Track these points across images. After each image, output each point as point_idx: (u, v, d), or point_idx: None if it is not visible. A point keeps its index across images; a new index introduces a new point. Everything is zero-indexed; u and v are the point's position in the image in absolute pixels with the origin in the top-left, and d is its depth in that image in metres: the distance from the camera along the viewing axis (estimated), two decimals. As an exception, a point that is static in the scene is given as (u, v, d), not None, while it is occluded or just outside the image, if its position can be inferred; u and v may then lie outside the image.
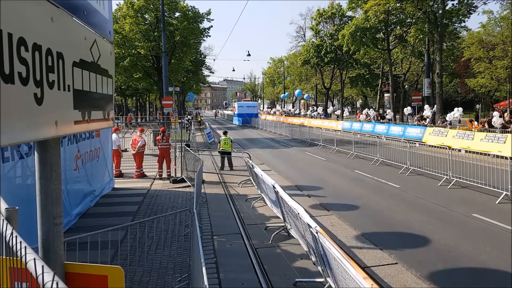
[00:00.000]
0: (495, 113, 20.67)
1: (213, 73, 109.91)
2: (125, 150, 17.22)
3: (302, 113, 55.88)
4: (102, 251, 4.44)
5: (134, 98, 64.97)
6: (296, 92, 55.19)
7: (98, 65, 2.17)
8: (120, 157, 13.86)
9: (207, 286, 3.01)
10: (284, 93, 64.02)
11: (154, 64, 29.71)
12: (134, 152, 13.51)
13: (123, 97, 57.25)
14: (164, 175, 13.36)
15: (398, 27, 34.97)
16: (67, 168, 7.88)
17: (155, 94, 53.09)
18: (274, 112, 61.52)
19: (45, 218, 1.79)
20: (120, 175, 13.36)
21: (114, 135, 13.35)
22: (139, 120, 48.78)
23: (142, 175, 13.43)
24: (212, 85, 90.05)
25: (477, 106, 23.80)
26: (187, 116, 41.27)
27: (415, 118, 28.04)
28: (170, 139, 14.08)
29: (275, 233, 7.26)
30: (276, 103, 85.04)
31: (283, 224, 7.38)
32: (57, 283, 1.21)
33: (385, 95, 41.74)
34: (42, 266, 1.26)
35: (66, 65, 1.72)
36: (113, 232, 4.57)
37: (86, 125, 2.06)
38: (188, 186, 11.78)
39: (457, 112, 21.94)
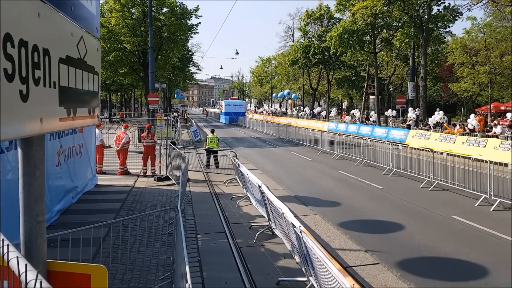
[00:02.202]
0: (472, 116, 21.43)
1: (200, 70, 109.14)
2: (109, 147, 16.99)
3: (289, 113, 56.12)
4: (84, 248, 4.38)
5: (119, 93, 64.03)
6: (285, 92, 55.34)
7: (85, 61, 2.15)
8: (102, 153, 13.66)
9: (190, 285, 3.01)
10: (272, 93, 64.17)
11: (140, 60, 29.32)
12: (118, 148, 13.34)
13: (107, 92, 56.37)
14: (149, 172, 13.25)
15: (385, 31, 35.48)
16: (49, 163, 7.74)
17: (140, 90, 52.38)
18: (261, 112, 61.58)
19: (28, 216, 1.77)
20: (101, 172, 13.12)
21: (96, 131, 13.14)
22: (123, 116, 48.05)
23: (125, 172, 13.27)
24: (199, 82, 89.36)
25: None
26: (173, 114, 40.94)
27: (389, 120, 28.54)
28: (155, 136, 13.95)
29: (260, 232, 7.29)
30: (263, 103, 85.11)
31: (268, 223, 7.42)
32: (40, 282, 1.21)
33: (370, 97, 42.30)
34: (25, 265, 1.26)
35: (52, 62, 1.70)
36: (96, 230, 4.52)
37: (71, 122, 2.04)
38: (173, 184, 11.70)
39: (437, 115, 22.37)
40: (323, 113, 42.06)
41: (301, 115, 46.26)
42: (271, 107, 66.84)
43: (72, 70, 1.95)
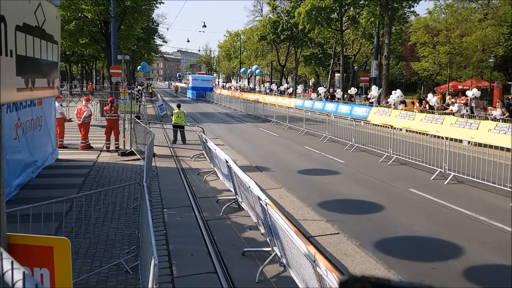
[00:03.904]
0: (430, 95, 22.30)
1: (166, 42, 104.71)
2: (70, 120, 16.35)
3: (257, 89, 55.96)
4: (45, 223, 4.30)
5: (79, 65, 60.93)
6: (253, 68, 54.85)
7: (43, 30, 2.06)
8: (63, 127, 13.15)
9: (156, 257, 3.07)
10: (241, 69, 63.41)
11: (102, 30, 27.86)
12: (79, 122, 12.88)
13: (67, 63, 53.49)
14: (112, 147, 12.94)
15: (352, 8, 35.69)
16: (6, 137, 7.36)
17: (102, 61, 50.03)
18: (230, 87, 60.89)
19: (-14, 188, 1.73)
20: (62, 147, 12.66)
21: (56, 104, 12.57)
22: (85, 89, 45.95)
23: (87, 147, 12.89)
24: (165, 55, 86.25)
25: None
26: (137, 87, 39.64)
27: (346, 96, 29.36)
28: (118, 110, 13.55)
29: (226, 205, 7.42)
30: (231, 78, 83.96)
31: (235, 197, 7.55)
32: (1, 254, 1.21)
33: (336, 75, 42.92)
34: (-14, 235, 1.25)
35: (9, 29, 1.63)
36: (57, 205, 4.41)
37: (29, 93, 1.98)
38: (138, 159, 11.53)
39: (394, 94, 23.08)
40: (290, 90, 42.32)
41: (268, 91, 46.34)
42: (239, 82, 66.23)
43: (30, 38, 1.87)
